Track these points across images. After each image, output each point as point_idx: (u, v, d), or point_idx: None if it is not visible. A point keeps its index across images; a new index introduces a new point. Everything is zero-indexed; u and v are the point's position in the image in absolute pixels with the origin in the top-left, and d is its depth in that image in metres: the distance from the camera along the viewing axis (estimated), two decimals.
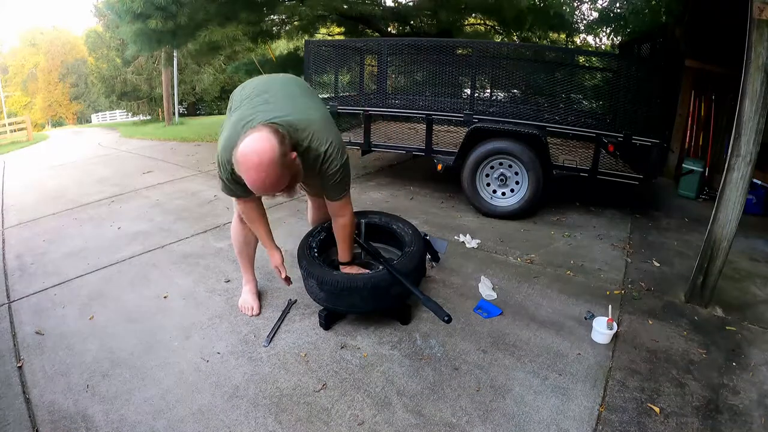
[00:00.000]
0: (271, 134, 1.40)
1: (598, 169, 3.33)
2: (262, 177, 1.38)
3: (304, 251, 1.97)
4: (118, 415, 1.53)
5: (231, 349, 1.88)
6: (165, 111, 14.10)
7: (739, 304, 2.29)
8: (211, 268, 2.63)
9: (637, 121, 3.27)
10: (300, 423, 1.50)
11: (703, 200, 4.14)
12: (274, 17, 7.85)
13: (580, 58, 4.15)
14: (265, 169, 1.37)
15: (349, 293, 1.81)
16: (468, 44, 4.32)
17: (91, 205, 3.99)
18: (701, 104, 4.56)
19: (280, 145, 1.39)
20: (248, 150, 1.37)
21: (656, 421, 1.52)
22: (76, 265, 2.70)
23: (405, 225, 2.18)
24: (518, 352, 1.87)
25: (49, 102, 27.10)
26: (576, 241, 3.08)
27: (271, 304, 2.22)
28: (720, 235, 2.13)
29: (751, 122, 1.95)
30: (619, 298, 2.33)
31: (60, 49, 26.66)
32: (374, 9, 7.78)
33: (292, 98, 1.70)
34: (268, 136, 1.39)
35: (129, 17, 6.43)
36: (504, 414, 1.54)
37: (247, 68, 10.36)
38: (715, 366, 1.81)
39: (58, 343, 1.93)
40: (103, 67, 16.04)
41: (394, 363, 1.79)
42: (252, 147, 1.37)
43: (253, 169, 1.37)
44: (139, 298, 2.30)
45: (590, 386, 1.68)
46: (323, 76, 4.45)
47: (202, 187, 4.50)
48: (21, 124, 12.44)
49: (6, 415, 1.54)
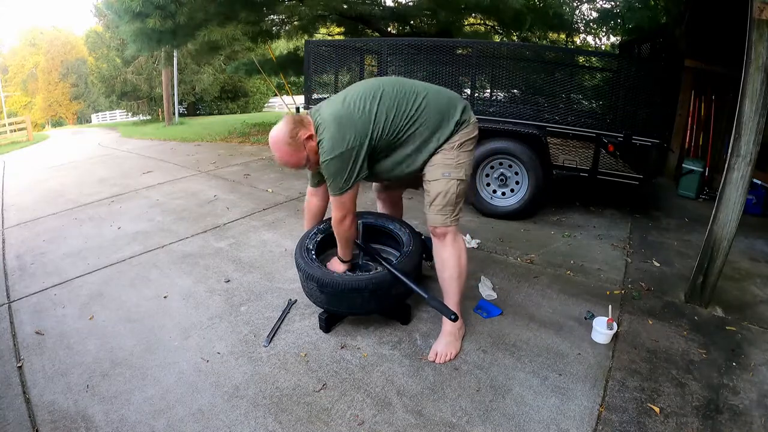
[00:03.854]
0: (286, 118, 1.71)
1: (598, 169, 3.34)
2: (275, 151, 1.72)
3: (302, 253, 1.96)
4: (118, 415, 1.53)
5: (231, 349, 1.88)
6: (165, 111, 14.11)
7: (739, 304, 2.29)
8: (211, 268, 2.63)
9: (636, 121, 3.27)
10: (300, 423, 1.50)
11: (703, 200, 4.14)
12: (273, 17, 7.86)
13: (580, 58, 4.15)
14: (275, 146, 1.71)
15: (350, 295, 1.81)
16: (468, 44, 4.32)
17: (91, 205, 3.99)
18: (701, 104, 4.56)
19: (289, 127, 1.67)
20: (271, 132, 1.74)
21: (656, 421, 1.52)
22: (76, 265, 2.70)
23: (402, 225, 2.18)
24: (518, 352, 1.87)
25: (49, 102, 27.12)
26: (576, 241, 3.08)
27: (271, 304, 2.22)
28: (720, 235, 2.13)
29: (751, 122, 1.95)
30: (619, 298, 2.33)
31: (60, 49, 26.67)
32: (374, 9, 7.78)
33: (347, 94, 1.78)
34: (284, 120, 1.71)
35: (128, 16, 6.43)
36: (504, 414, 1.54)
37: (247, 68, 10.37)
38: (715, 366, 1.81)
39: (58, 343, 1.93)
40: (103, 67, 16.07)
41: (394, 363, 1.79)
42: (273, 130, 1.73)
43: (271, 146, 1.73)
44: (139, 298, 2.30)
45: (590, 386, 1.68)
46: (323, 76, 4.45)
47: (202, 187, 4.50)
48: (21, 124, 12.44)
49: (6, 415, 1.54)
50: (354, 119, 1.68)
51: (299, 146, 1.69)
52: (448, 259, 1.84)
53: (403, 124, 1.72)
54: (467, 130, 1.80)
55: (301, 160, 1.72)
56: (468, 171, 1.83)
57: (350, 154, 1.66)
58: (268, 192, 4.26)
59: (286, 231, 3.19)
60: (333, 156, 1.65)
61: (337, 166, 1.67)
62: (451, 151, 1.77)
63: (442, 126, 1.76)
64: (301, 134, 1.68)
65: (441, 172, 1.78)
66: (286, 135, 1.67)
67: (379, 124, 1.69)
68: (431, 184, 1.80)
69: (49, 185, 4.92)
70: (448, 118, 1.76)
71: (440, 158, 1.78)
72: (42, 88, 27.11)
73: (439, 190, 1.78)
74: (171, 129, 11.56)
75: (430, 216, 1.85)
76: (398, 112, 1.71)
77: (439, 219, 1.81)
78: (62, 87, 26.53)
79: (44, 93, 27.07)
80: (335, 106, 1.73)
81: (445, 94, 1.82)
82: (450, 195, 1.78)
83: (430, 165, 1.80)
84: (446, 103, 1.78)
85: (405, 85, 1.77)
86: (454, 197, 1.79)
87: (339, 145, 1.65)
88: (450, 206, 1.80)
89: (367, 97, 1.72)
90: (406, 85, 1.78)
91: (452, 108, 1.78)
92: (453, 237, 1.84)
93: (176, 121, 13.71)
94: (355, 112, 1.68)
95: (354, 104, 1.70)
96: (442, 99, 1.79)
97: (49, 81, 26.78)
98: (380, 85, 1.77)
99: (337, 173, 1.68)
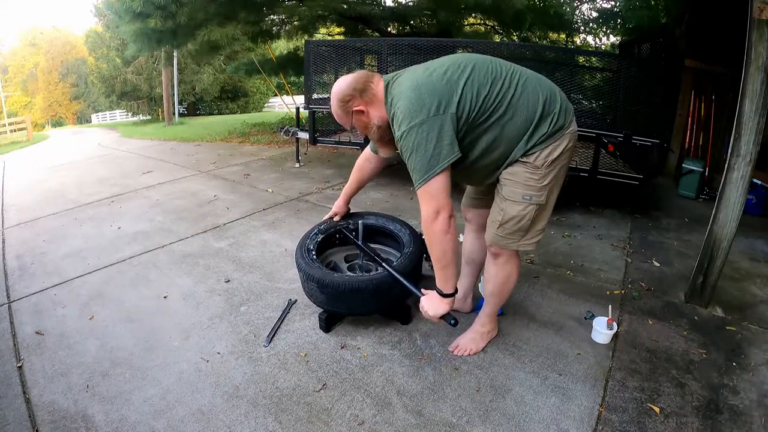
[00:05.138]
0: (356, 75, 1.54)
1: (598, 169, 3.34)
2: (331, 105, 1.57)
3: (303, 253, 1.96)
4: (118, 415, 1.53)
5: (231, 349, 1.88)
6: (165, 111, 14.11)
7: (739, 304, 2.29)
8: (211, 268, 2.63)
9: (636, 121, 3.27)
10: (300, 423, 1.50)
11: (703, 200, 4.14)
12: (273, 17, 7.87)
13: (580, 58, 4.15)
14: (331, 96, 1.56)
15: (350, 295, 1.81)
16: (468, 44, 4.32)
17: (91, 205, 3.99)
18: (701, 104, 4.56)
19: (347, 90, 1.51)
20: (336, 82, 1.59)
21: (656, 421, 1.52)
22: (76, 265, 2.70)
23: (402, 226, 2.18)
24: (518, 352, 1.87)
25: (49, 102, 27.13)
26: (576, 241, 3.08)
27: (271, 304, 2.22)
28: (720, 235, 2.13)
29: (751, 122, 1.95)
30: (619, 298, 2.33)
31: (60, 49, 26.68)
32: (374, 9, 7.79)
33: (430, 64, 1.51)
34: (353, 75, 1.54)
35: (129, 16, 6.44)
36: (504, 414, 1.54)
37: (247, 68, 10.39)
38: (715, 366, 1.81)
39: (58, 343, 1.93)
40: (103, 67, 16.08)
41: (395, 363, 1.79)
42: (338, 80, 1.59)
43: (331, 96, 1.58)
44: (139, 298, 2.30)
45: (590, 386, 1.68)
46: (323, 76, 4.46)
47: (202, 187, 4.50)
48: (21, 124, 12.44)
49: (6, 415, 1.53)
50: (436, 85, 1.38)
51: (347, 113, 1.53)
52: (495, 275, 1.71)
53: (491, 104, 1.41)
54: (563, 139, 1.47)
55: (347, 125, 1.58)
56: (555, 192, 1.56)
57: (432, 124, 1.35)
58: (268, 192, 4.26)
59: (286, 231, 3.19)
60: (411, 125, 1.35)
61: (416, 139, 1.35)
62: (539, 169, 1.47)
63: (537, 124, 1.44)
64: (352, 104, 1.51)
65: (521, 194, 1.50)
66: (340, 94, 1.52)
67: (466, 96, 1.38)
68: (506, 203, 1.53)
69: (49, 185, 4.92)
70: (545, 116, 1.44)
71: (523, 174, 1.48)
72: (42, 88, 27.12)
73: (513, 215, 1.53)
74: (171, 129, 11.56)
75: (492, 234, 1.61)
76: (490, 91, 1.41)
77: (502, 242, 1.60)
78: (62, 87, 26.54)
79: (44, 93, 27.08)
80: (415, 74, 1.46)
81: (546, 85, 1.50)
82: (525, 221, 1.54)
83: (510, 176, 1.51)
84: (547, 96, 1.46)
85: (501, 63, 1.50)
86: (529, 223, 1.55)
87: (417, 112, 1.35)
88: (521, 231, 1.56)
89: (455, 68, 1.43)
90: (501, 63, 1.50)
91: (552, 104, 1.46)
92: (508, 258, 1.66)
93: (176, 121, 13.71)
94: (437, 80, 1.40)
95: (436, 72, 1.42)
96: (543, 89, 1.47)
97: (49, 81, 26.79)
98: (471, 59, 1.48)
99: (417, 148, 1.36)
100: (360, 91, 1.50)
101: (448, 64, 1.45)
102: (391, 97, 1.46)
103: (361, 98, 1.51)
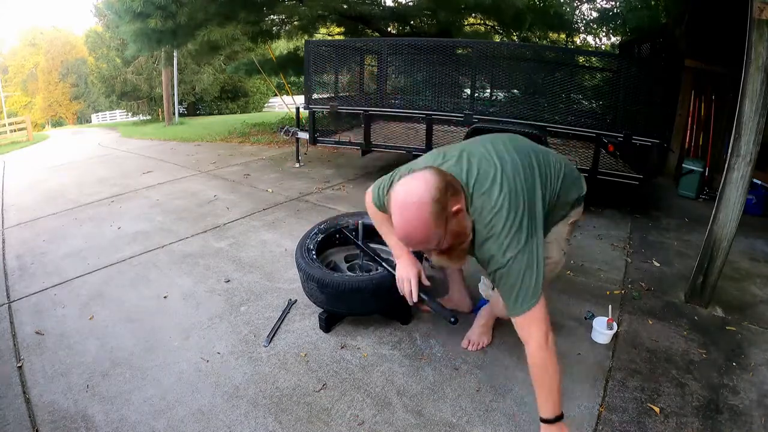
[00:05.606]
0: (430, 173, 1.18)
1: (598, 169, 3.34)
2: (405, 217, 1.15)
3: (303, 253, 1.96)
4: (118, 415, 1.53)
5: (231, 349, 1.88)
6: (165, 111, 14.12)
7: (739, 304, 2.29)
8: (211, 268, 2.63)
9: (637, 121, 3.27)
10: (300, 423, 1.50)
11: (703, 200, 4.14)
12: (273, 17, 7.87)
13: (580, 58, 4.16)
14: (409, 208, 1.14)
15: (350, 295, 1.80)
16: (468, 44, 4.32)
17: (91, 205, 3.99)
18: (701, 104, 4.56)
19: (436, 186, 1.14)
20: (400, 186, 1.19)
21: (656, 421, 1.52)
22: (76, 265, 2.70)
23: None
24: (518, 352, 1.87)
25: (49, 102, 27.13)
26: (576, 241, 3.08)
27: (271, 304, 2.22)
28: (720, 235, 2.13)
29: (751, 122, 1.95)
30: (619, 298, 2.33)
31: (60, 49, 26.68)
32: (374, 9, 7.80)
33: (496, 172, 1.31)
34: (425, 175, 1.18)
35: (129, 16, 6.45)
36: (504, 414, 1.54)
37: (247, 68, 10.40)
38: (715, 366, 1.81)
39: (58, 343, 1.93)
40: (103, 67, 16.08)
41: (395, 363, 1.79)
42: (405, 183, 1.19)
43: (398, 207, 1.16)
44: (139, 298, 2.30)
45: (590, 386, 1.68)
46: (323, 76, 4.46)
47: (202, 187, 4.50)
48: (21, 124, 12.44)
49: (6, 415, 1.53)
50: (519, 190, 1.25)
51: (443, 219, 1.16)
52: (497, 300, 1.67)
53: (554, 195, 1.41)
54: (580, 209, 1.58)
55: (433, 239, 1.18)
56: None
57: (533, 241, 1.22)
58: (268, 192, 4.26)
59: (286, 231, 3.19)
60: (519, 250, 1.19)
61: (525, 262, 1.19)
62: (567, 225, 1.58)
63: (573, 200, 1.53)
64: (452, 204, 1.17)
65: (559, 248, 1.58)
66: (431, 195, 1.13)
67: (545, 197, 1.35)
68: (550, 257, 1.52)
69: (49, 185, 4.92)
70: (578, 190, 1.54)
71: (561, 229, 1.58)
72: (42, 88, 27.12)
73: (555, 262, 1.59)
74: (171, 129, 11.56)
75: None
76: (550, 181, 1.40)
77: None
78: (62, 87, 26.54)
79: (44, 93, 27.08)
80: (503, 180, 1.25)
81: (570, 166, 1.55)
82: (558, 269, 1.64)
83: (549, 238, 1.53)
84: (575, 176, 1.55)
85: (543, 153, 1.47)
86: (557, 272, 1.65)
87: (517, 231, 1.19)
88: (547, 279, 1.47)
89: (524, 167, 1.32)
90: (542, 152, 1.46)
91: (580, 180, 1.57)
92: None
93: (176, 121, 13.71)
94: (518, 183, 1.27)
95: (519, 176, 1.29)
96: (573, 172, 1.55)
97: (49, 81, 26.79)
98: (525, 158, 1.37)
99: (525, 273, 1.20)
100: (450, 185, 1.19)
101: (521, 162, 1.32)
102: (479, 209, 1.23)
103: (456, 194, 1.20)
